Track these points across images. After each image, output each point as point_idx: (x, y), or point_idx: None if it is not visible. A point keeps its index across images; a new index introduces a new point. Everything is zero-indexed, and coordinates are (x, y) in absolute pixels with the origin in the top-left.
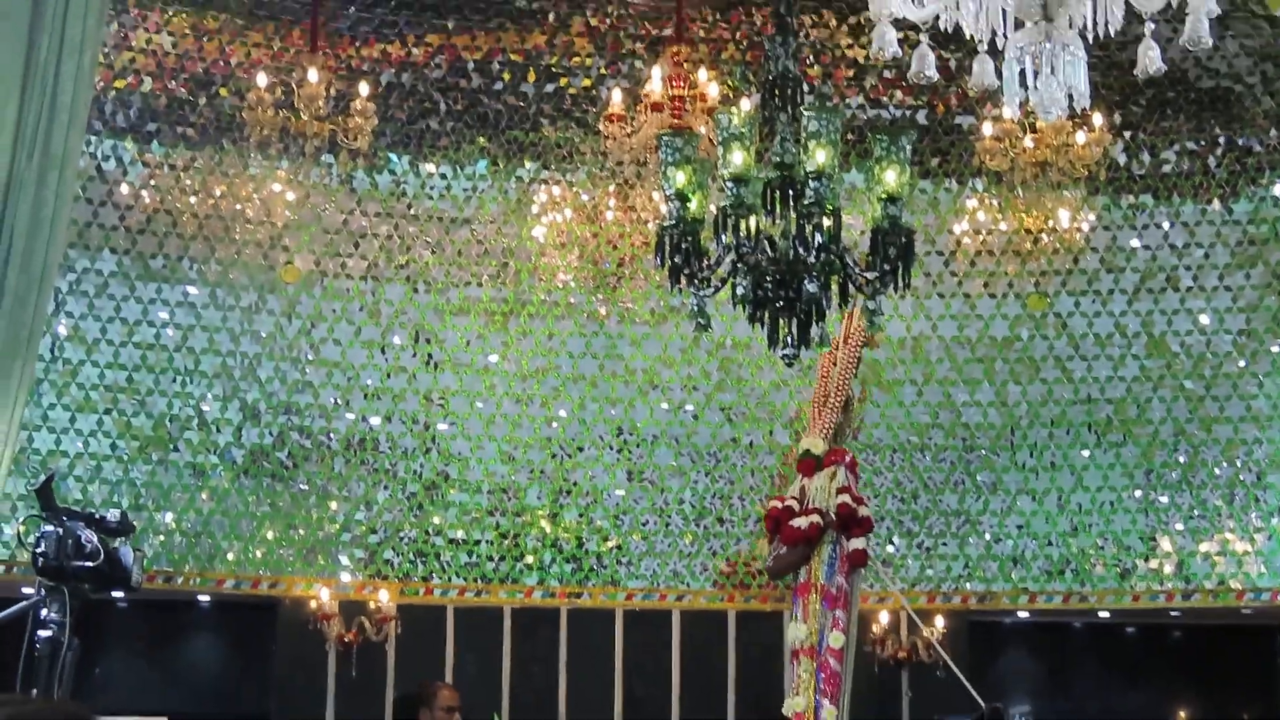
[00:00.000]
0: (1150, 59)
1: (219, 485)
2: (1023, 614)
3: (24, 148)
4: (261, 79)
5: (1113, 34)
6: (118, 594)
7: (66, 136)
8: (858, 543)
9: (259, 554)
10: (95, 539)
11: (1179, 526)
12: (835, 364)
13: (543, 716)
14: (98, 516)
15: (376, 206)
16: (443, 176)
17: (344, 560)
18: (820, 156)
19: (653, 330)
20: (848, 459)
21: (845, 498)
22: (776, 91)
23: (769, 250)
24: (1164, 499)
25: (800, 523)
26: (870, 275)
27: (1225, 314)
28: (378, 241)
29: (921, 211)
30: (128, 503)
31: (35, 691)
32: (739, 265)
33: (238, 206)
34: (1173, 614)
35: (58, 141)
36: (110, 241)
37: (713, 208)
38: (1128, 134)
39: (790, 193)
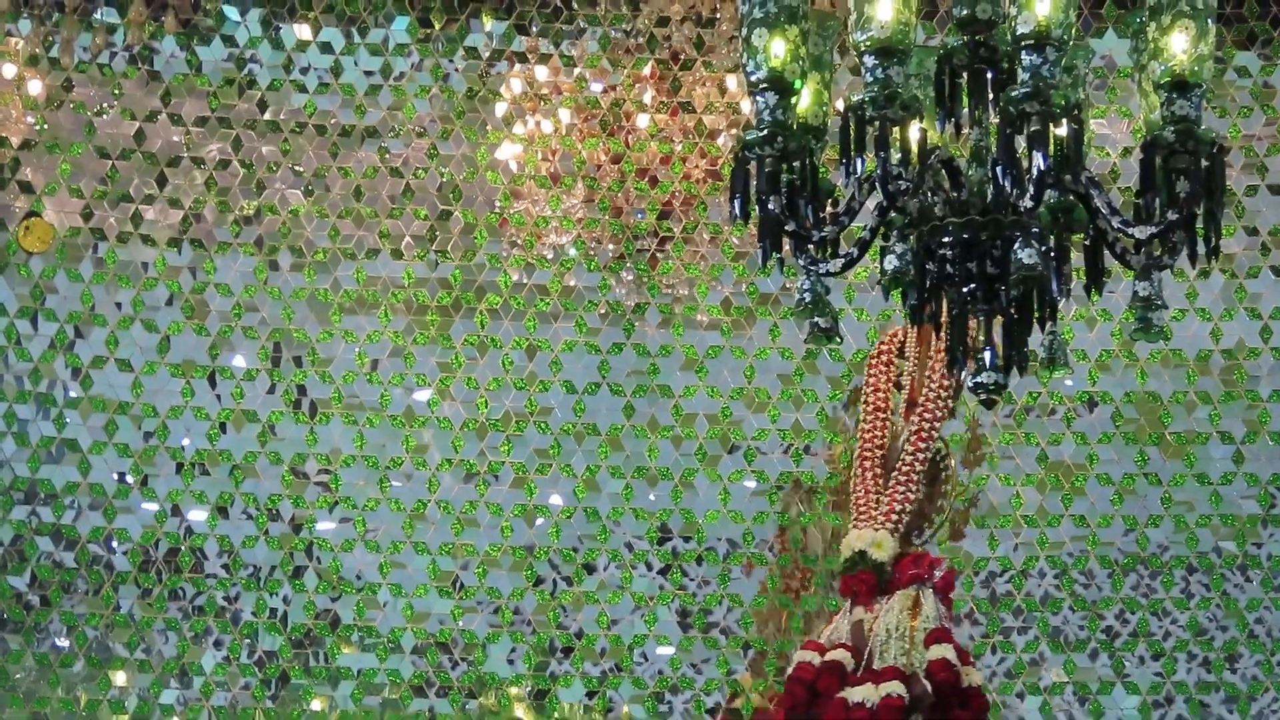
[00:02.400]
0: None
1: None
2: None
3: None
4: None
5: None
6: None
7: None
8: None
9: None
10: None
11: None
12: (908, 387)
13: None
14: None
15: (200, 106)
16: (326, 48)
17: None
18: (1042, 4)
19: (727, 341)
20: (938, 574)
21: (944, 650)
22: None
23: (947, 186)
24: None
25: (862, 696)
26: (1140, 233)
27: None
28: (200, 173)
29: (1241, 113)
30: None
31: None
32: (889, 216)
33: None
34: None
35: None
36: None
37: (839, 105)
38: None
39: (988, 76)
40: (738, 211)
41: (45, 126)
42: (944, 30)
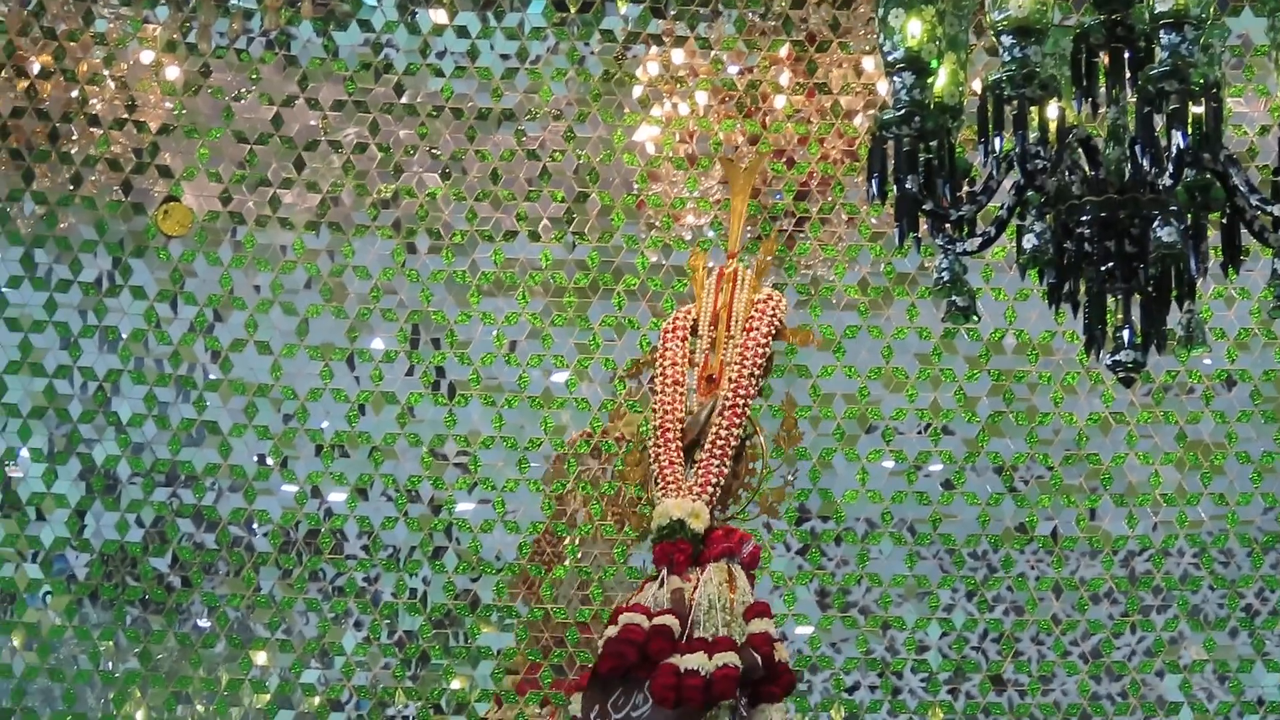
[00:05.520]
0: None
1: (43, 620)
2: None
3: None
4: None
5: None
6: None
7: None
8: (776, 713)
9: None
10: None
11: None
12: (701, 364)
13: None
14: None
15: (337, 90)
16: (462, 32)
17: None
18: None
19: (865, 320)
20: (747, 549)
21: (765, 625)
22: None
23: (1085, 166)
24: None
25: (696, 664)
26: (1279, 210)
27: None
28: (339, 157)
29: None
30: None
31: None
32: (1027, 195)
33: (74, 94)
34: None
35: None
36: None
37: (976, 85)
38: None
39: (1125, 55)
40: (875, 191)
41: (183, 111)
42: (1081, 9)
